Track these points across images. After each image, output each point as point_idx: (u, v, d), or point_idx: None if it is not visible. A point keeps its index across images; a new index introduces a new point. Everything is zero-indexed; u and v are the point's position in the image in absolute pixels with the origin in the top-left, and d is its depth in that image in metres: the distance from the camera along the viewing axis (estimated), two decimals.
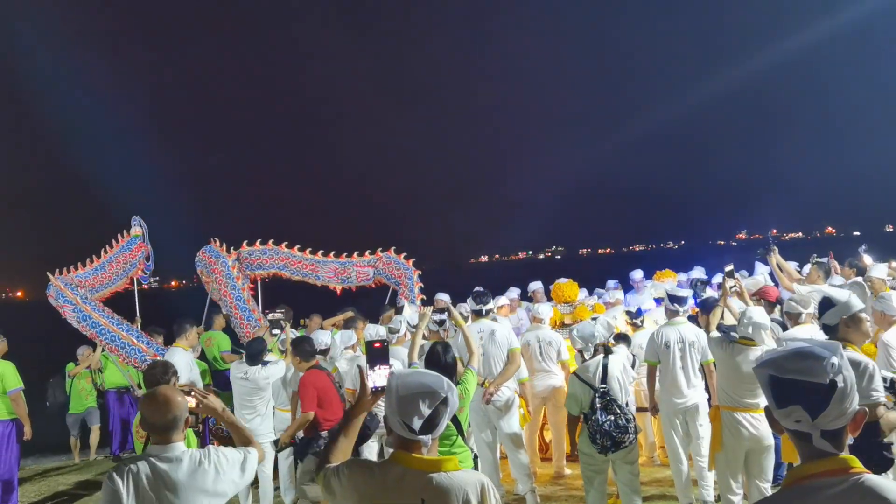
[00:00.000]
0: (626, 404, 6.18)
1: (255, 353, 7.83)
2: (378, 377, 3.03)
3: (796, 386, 2.04)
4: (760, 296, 8.03)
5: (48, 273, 10.52)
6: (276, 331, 8.97)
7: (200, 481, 3.42)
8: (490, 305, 7.87)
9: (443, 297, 10.84)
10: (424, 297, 11.78)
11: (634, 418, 6.20)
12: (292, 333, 9.01)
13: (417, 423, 2.68)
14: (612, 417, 5.97)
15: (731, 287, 7.05)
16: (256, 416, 7.76)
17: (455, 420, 4.85)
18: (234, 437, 3.83)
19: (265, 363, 7.89)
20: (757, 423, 5.98)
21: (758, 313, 6.16)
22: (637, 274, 12.10)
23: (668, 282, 10.44)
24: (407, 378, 2.78)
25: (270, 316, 9.23)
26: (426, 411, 2.68)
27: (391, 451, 2.85)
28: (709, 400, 7.21)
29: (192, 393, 3.74)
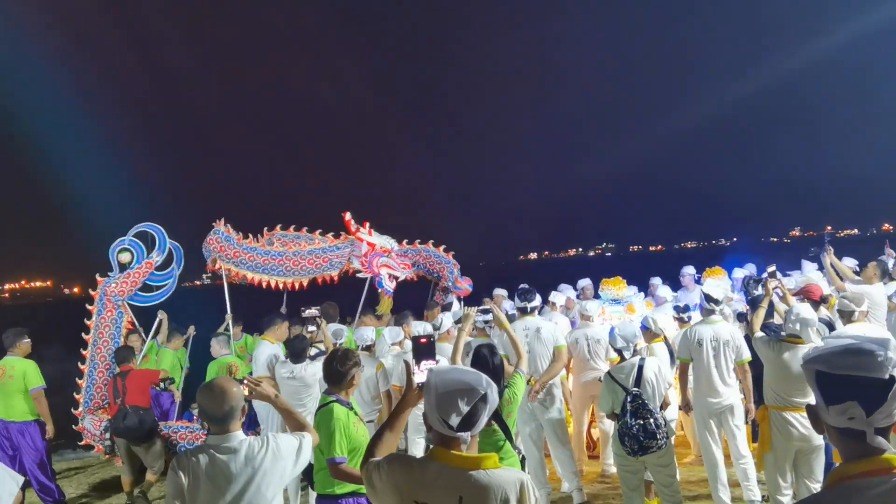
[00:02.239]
0: (660, 408, 6.11)
1: (298, 351, 7.84)
2: (425, 373, 3.02)
3: (852, 382, 2.00)
4: (804, 294, 7.90)
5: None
6: (312, 328, 8.97)
7: (259, 469, 3.48)
8: (535, 303, 7.85)
9: (501, 292, 10.98)
10: (470, 290, 11.63)
11: (667, 423, 6.12)
12: (336, 328, 9.03)
13: (456, 420, 2.66)
14: (641, 422, 5.90)
15: (773, 288, 6.96)
16: (308, 414, 7.75)
17: (503, 425, 4.84)
18: (287, 423, 3.91)
19: (311, 359, 7.93)
20: (808, 423, 5.86)
21: (805, 310, 6.08)
22: (688, 269, 11.97)
23: (710, 280, 10.27)
24: (446, 375, 2.76)
25: (306, 313, 9.20)
26: (465, 408, 2.66)
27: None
28: (743, 401, 7.16)
29: (245, 381, 3.83)
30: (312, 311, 9.20)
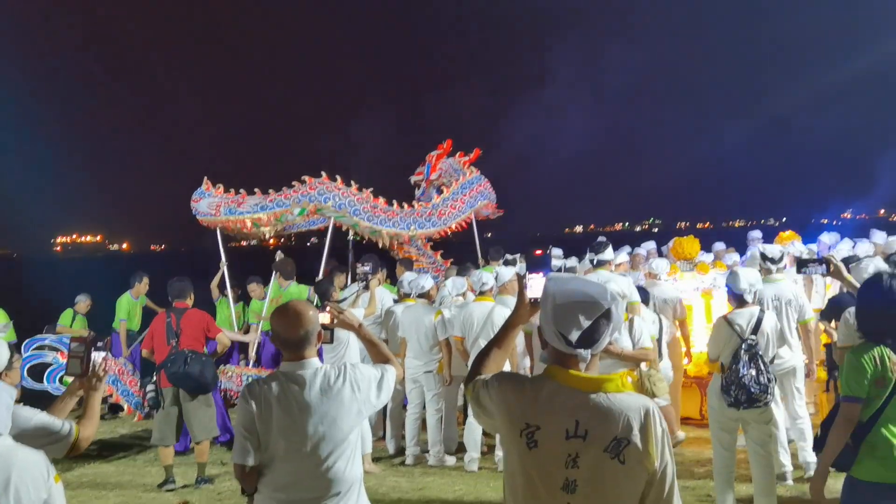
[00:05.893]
0: (771, 362, 5.79)
1: None
2: (537, 287, 2.72)
3: None
4: None
5: None
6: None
7: (334, 399, 3.28)
8: (606, 256, 7.60)
9: (556, 252, 10.98)
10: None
11: (776, 379, 5.81)
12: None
13: (575, 335, 2.39)
14: (754, 372, 5.56)
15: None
16: None
17: None
18: (371, 354, 3.69)
19: None
20: None
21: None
22: (755, 233, 11.85)
23: (794, 244, 9.93)
24: (566, 284, 2.49)
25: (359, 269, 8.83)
26: (585, 322, 2.40)
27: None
28: (805, 361, 6.93)
29: (329, 308, 3.62)
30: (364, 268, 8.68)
